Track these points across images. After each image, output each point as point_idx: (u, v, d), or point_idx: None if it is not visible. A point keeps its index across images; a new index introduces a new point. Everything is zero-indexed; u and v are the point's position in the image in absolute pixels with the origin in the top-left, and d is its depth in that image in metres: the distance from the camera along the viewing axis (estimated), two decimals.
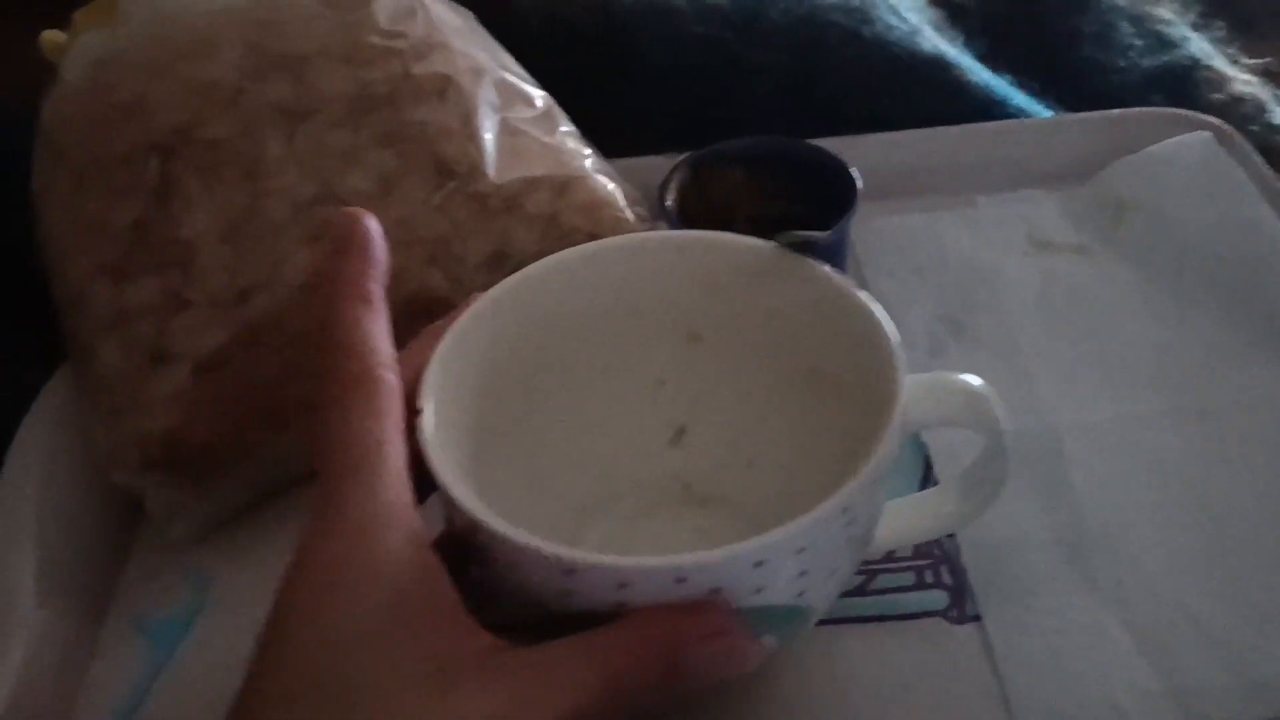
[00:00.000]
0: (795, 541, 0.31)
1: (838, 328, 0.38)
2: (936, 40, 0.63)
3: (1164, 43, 0.66)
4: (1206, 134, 0.56)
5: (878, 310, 0.37)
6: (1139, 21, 0.68)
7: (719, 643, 0.31)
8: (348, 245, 0.34)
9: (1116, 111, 0.60)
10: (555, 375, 0.42)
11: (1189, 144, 0.56)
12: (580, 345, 0.42)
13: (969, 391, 0.37)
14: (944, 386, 0.37)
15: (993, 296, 0.53)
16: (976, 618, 0.41)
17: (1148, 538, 0.42)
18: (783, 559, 0.32)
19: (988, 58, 0.65)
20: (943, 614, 0.41)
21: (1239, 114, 0.60)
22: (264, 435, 0.45)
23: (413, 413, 0.34)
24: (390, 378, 0.32)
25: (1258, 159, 0.55)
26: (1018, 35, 0.66)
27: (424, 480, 0.33)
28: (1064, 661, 0.39)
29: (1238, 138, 0.56)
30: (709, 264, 0.41)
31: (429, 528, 0.32)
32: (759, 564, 0.31)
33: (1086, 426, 0.46)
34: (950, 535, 0.43)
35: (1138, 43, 0.66)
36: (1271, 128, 0.60)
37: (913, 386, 0.35)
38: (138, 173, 0.44)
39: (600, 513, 0.43)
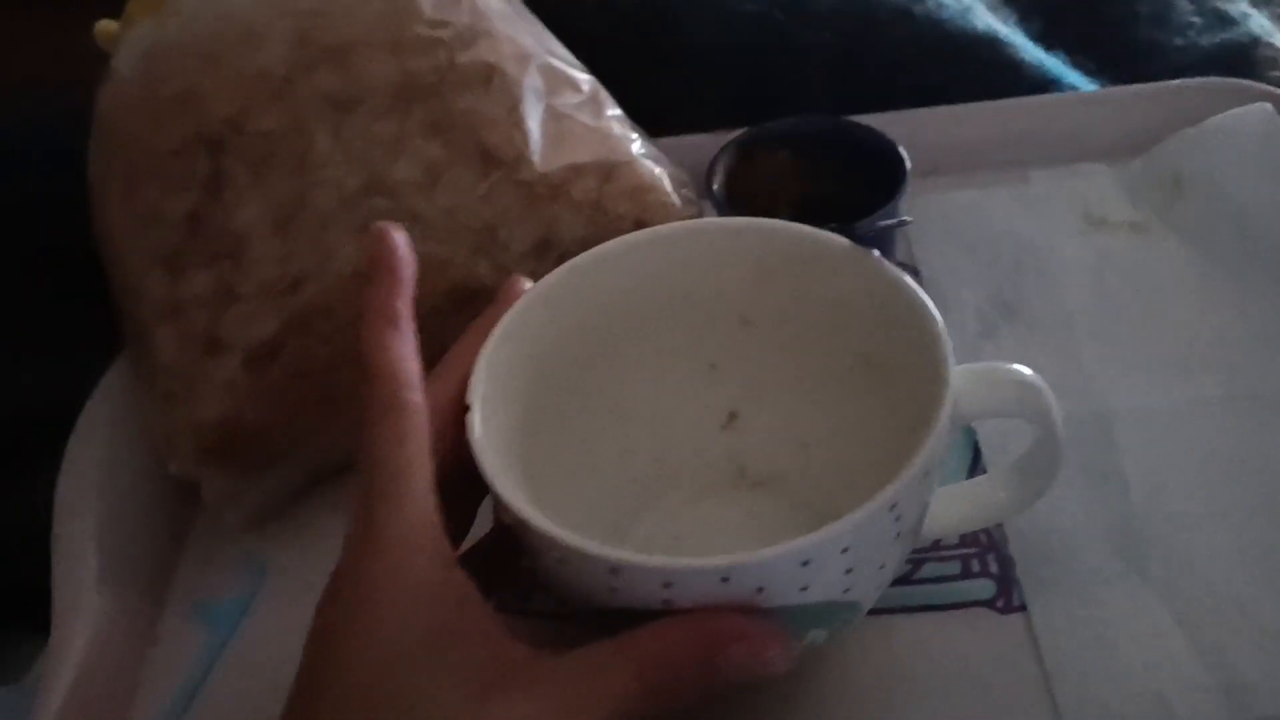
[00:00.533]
0: (842, 540, 0.31)
1: (888, 317, 0.38)
2: (989, 18, 0.62)
3: (1223, 20, 0.65)
4: (1267, 106, 0.55)
5: (928, 301, 0.37)
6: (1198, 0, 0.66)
7: (755, 644, 0.31)
8: (375, 267, 0.35)
9: (1174, 83, 0.59)
10: (608, 361, 0.42)
11: (1248, 116, 0.54)
12: (632, 330, 0.42)
13: (1021, 382, 0.36)
14: (995, 378, 0.37)
15: (1046, 276, 0.52)
16: (1023, 607, 0.41)
17: (1201, 529, 0.42)
18: (829, 557, 0.32)
19: (1042, 38, 0.64)
20: (989, 604, 0.41)
21: None
22: (316, 422, 0.46)
23: (463, 410, 0.35)
24: (415, 399, 0.33)
25: None
26: (1072, 15, 0.65)
27: (476, 479, 0.34)
28: (1111, 654, 0.39)
29: None
30: (761, 250, 0.41)
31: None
32: (805, 563, 0.31)
33: (1140, 412, 0.46)
34: (998, 524, 0.43)
35: (1196, 20, 0.64)
36: None
37: (963, 377, 0.35)
38: (190, 165, 0.45)
39: (655, 496, 0.44)
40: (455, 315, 0.46)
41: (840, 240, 0.40)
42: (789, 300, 0.42)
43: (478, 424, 0.35)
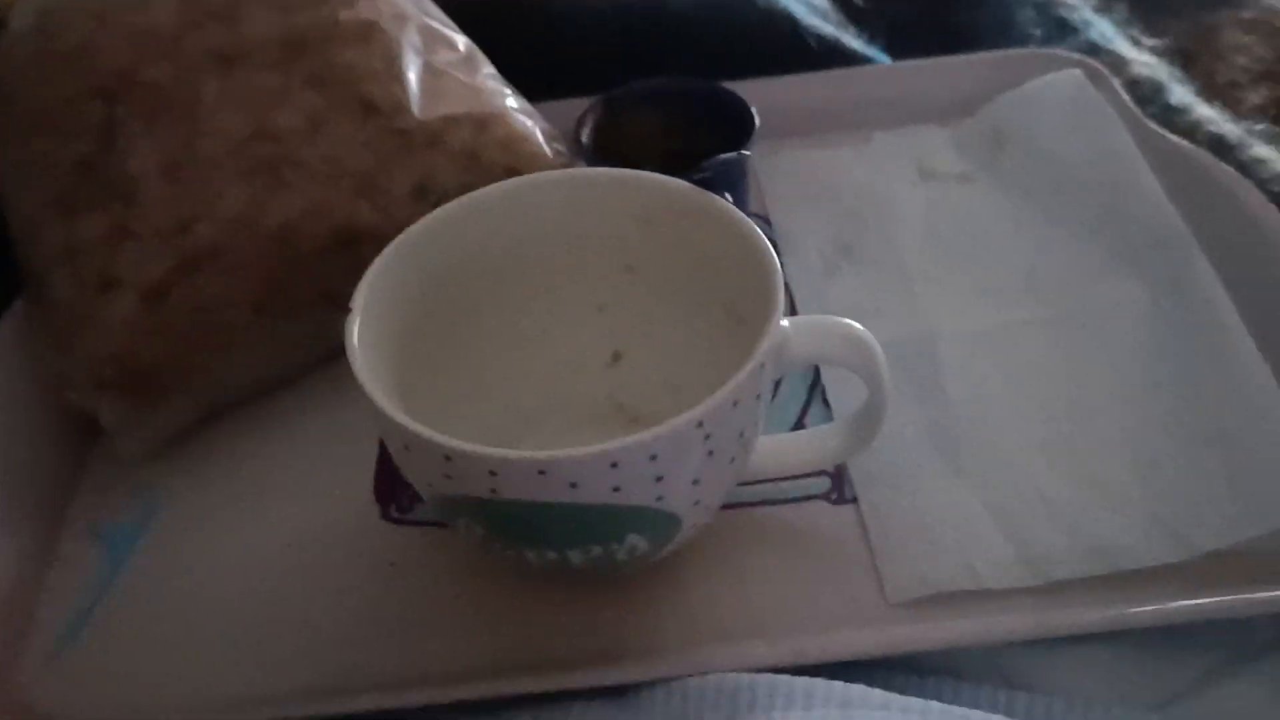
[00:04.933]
0: (647, 448, 0.35)
1: (744, 267, 0.41)
2: (829, 29, 0.66)
3: (1064, 28, 0.68)
4: (1077, 71, 0.61)
5: (770, 250, 0.40)
6: (1042, 8, 0.70)
7: None
8: None
9: (999, 52, 0.65)
10: (501, 296, 0.45)
11: (1061, 80, 0.61)
12: (526, 267, 0.45)
13: (848, 335, 0.39)
14: (825, 328, 0.40)
15: (883, 221, 0.57)
16: (854, 499, 0.45)
17: (1009, 429, 0.47)
18: (636, 462, 0.35)
19: (888, 50, 0.68)
20: (824, 497, 0.46)
21: (1137, 96, 0.62)
22: (208, 357, 0.49)
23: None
24: None
25: (1123, 95, 0.60)
26: (917, 29, 0.69)
27: None
28: (928, 535, 0.44)
29: (1105, 75, 0.61)
30: (645, 201, 0.44)
31: None
32: (614, 465, 0.35)
33: (960, 333, 0.51)
34: None
35: (1037, 31, 0.68)
36: (1169, 108, 0.63)
37: (796, 325, 0.39)
38: (82, 113, 0.48)
39: (536, 424, 0.47)
40: (339, 257, 0.49)
41: (704, 192, 0.43)
42: (669, 250, 0.44)
43: (356, 327, 0.38)
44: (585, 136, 0.55)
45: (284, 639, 0.43)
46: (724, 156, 0.50)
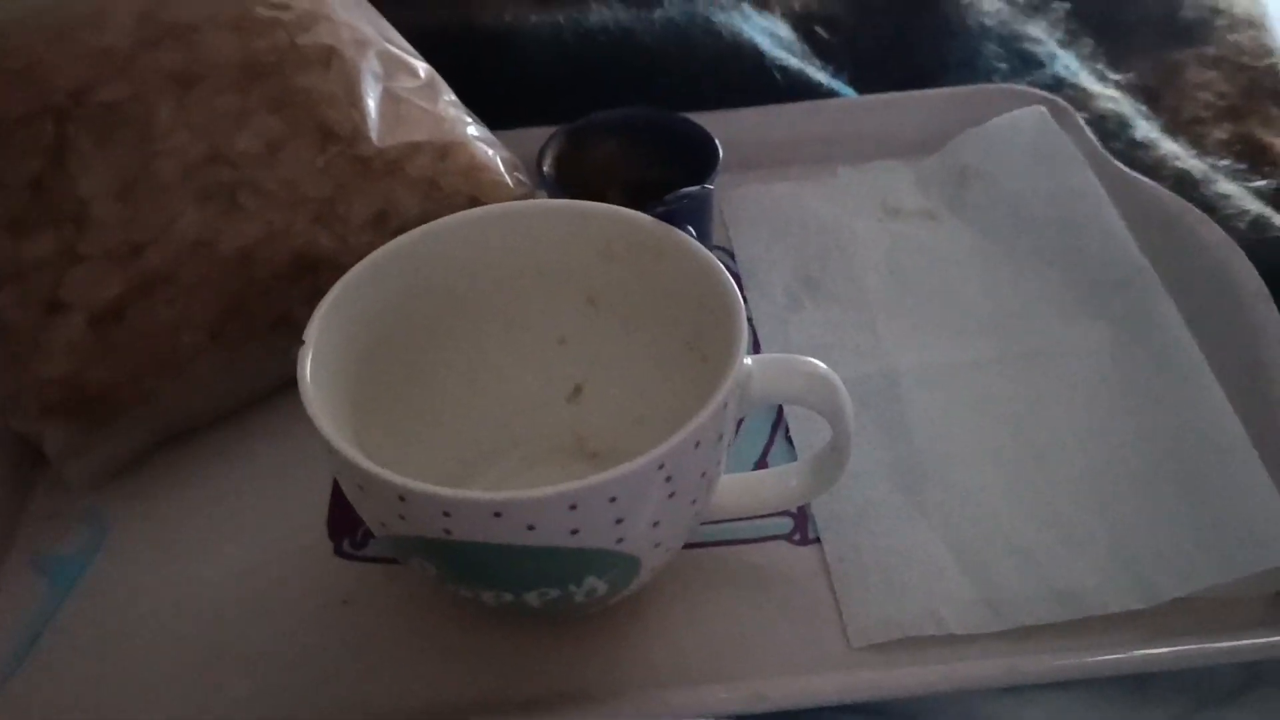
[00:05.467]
0: (607, 490, 0.34)
1: (707, 303, 0.40)
2: (795, 61, 0.66)
3: (1029, 63, 0.69)
4: (1040, 108, 0.61)
5: (734, 289, 0.39)
6: (1007, 42, 0.70)
7: None
8: None
9: (964, 88, 0.65)
10: (459, 326, 0.45)
11: (1024, 117, 0.61)
12: (484, 298, 0.45)
13: (814, 375, 0.39)
14: (789, 367, 0.39)
15: (846, 257, 0.57)
16: (817, 540, 0.45)
17: (973, 469, 0.47)
18: (597, 504, 0.34)
19: (853, 84, 0.67)
20: (786, 537, 0.45)
21: (1102, 131, 0.62)
22: (160, 383, 0.47)
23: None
24: None
25: (1087, 131, 0.60)
26: (884, 67, 0.69)
27: None
28: (892, 577, 0.43)
29: (1070, 111, 0.61)
30: (608, 234, 0.44)
31: None
32: (573, 507, 0.34)
33: (923, 370, 0.51)
34: None
35: (1002, 66, 0.68)
36: (1134, 143, 0.63)
37: (760, 364, 0.38)
38: (34, 133, 0.46)
39: (496, 458, 0.46)
40: (296, 283, 0.48)
41: (667, 226, 0.42)
42: (631, 283, 0.44)
43: (308, 360, 0.37)
44: (547, 166, 0.54)
45: (233, 675, 0.42)
46: (687, 190, 0.50)
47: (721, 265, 0.40)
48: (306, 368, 0.37)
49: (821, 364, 0.39)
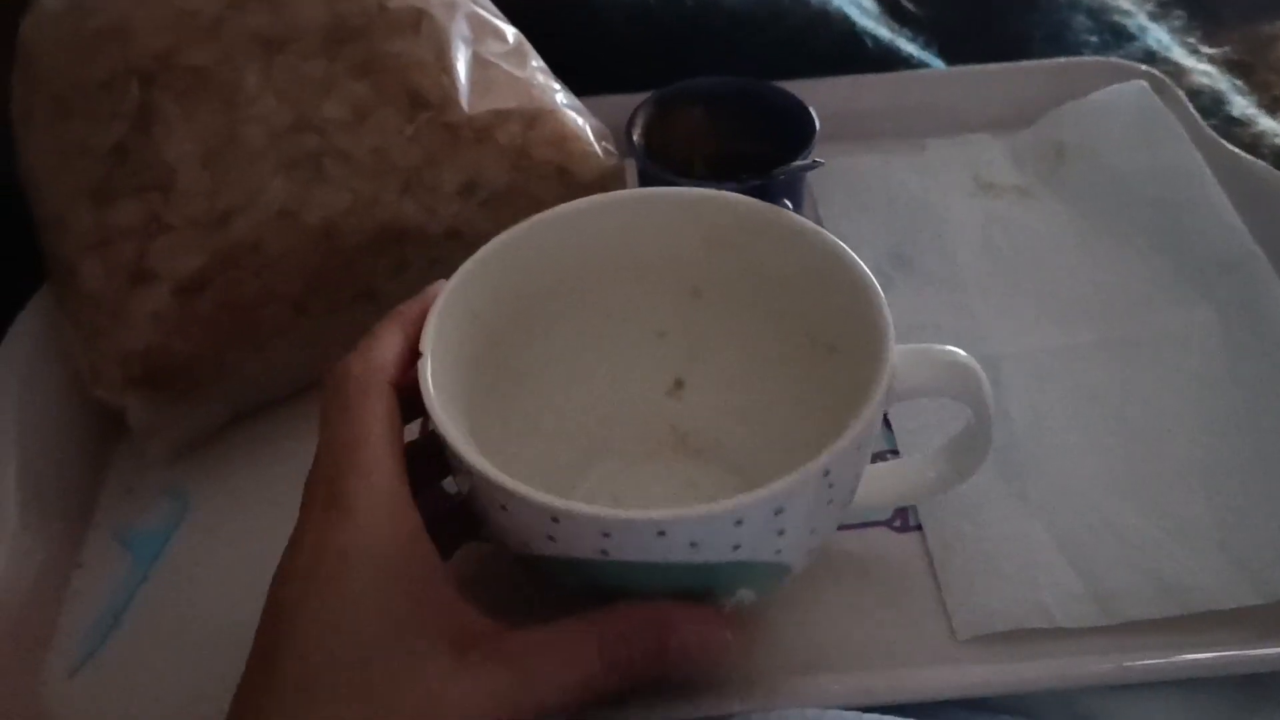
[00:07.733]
0: (774, 502, 0.32)
1: (831, 292, 0.39)
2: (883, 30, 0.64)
3: (1120, 36, 0.66)
4: (1143, 83, 0.59)
5: (870, 277, 0.37)
6: (1096, 14, 0.68)
7: (706, 629, 0.33)
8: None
9: (1059, 60, 0.63)
10: (557, 323, 0.43)
11: (1126, 92, 0.59)
12: (585, 294, 0.43)
13: (955, 363, 0.37)
14: (932, 358, 0.37)
15: (938, 234, 0.55)
16: (918, 527, 0.44)
17: (1075, 457, 0.45)
18: (761, 519, 0.32)
19: (940, 57, 0.66)
20: (888, 524, 0.44)
21: (1198, 107, 0.60)
22: (241, 355, 0.47)
23: (414, 357, 0.36)
24: (387, 379, 0.35)
25: (1189, 107, 0.58)
26: (970, 39, 0.67)
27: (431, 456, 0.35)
28: (996, 567, 0.42)
29: (1170, 85, 0.59)
30: (713, 221, 0.42)
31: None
32: (739, 522, 0.32)
33: (1022, 355, 0.49)
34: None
35: (1092, 39, 0.66)
36: (1230, 120, 0.61)
37: (901, 355, 0.36)
38: (118, 97, 0.45)
39: (597, 457, 0.44)
40: (382, 254, 0.47)
41: (790, 215, 0.40)
42: (737, 272, 0.42)
43: (429, 373, 0.35)
44: (637, 136, 0.53)
45: None
46: (797, 164, 0.48)
47: (849, 250, 0.38)
48: (429, 381, 0.35)
49: (960, 351, 0.37)
